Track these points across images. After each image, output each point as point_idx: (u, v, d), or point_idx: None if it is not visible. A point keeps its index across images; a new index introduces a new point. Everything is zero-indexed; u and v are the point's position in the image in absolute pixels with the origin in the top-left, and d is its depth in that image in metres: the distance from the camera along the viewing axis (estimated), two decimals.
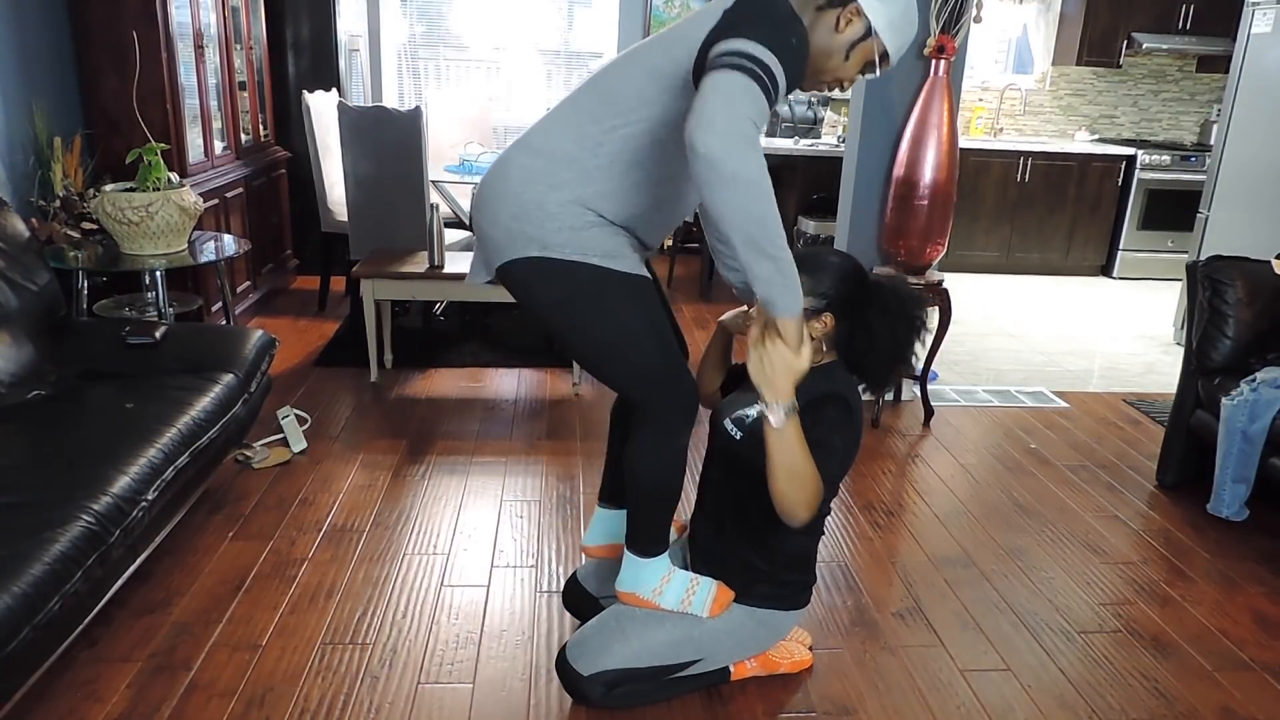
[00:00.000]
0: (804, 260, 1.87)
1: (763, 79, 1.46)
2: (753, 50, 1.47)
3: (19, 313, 2.66)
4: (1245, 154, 4.50)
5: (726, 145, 1.43)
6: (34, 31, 3.50)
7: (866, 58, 1.66)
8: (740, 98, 1.45)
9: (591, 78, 1.72)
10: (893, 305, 1.94)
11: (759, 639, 2.07)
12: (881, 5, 1.61)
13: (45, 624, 1.75)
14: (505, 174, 1.69)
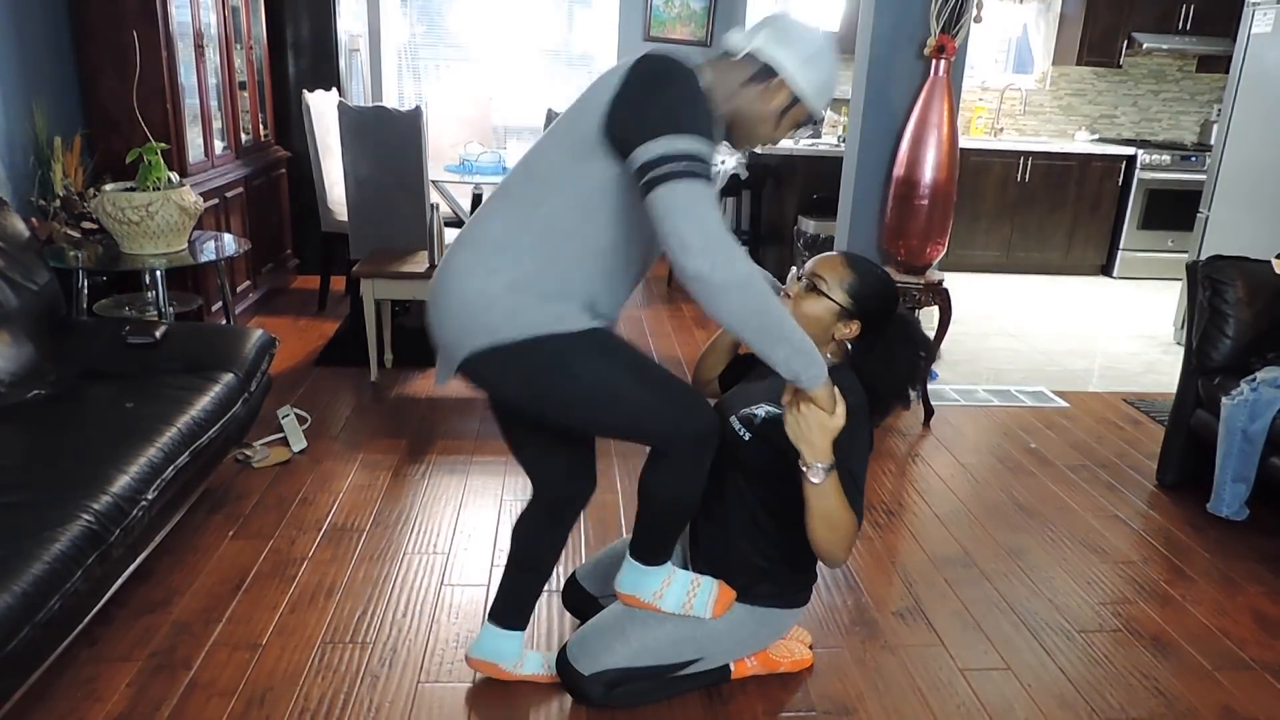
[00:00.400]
0: (857, 262, 1.93)
1: (700, 173, 1.47)
2: (679, 148, 1.46)
3: (19, 312, 2.66)
4: (1245, 154, 4.50)
5: (709, 260, 1.45)
6: (34, 31, 3.50)
7: (796, 121, 1.68)
8: (697, 207, 1.45)
9: (516, 165, 1.72)
10: (915, 339, 1.99)
11: (759, 637, 2.07)
12: (805, 75, 1.62)
13: (45, 623, 1.75)
14: (447, 274, 1.67)
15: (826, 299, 1.89)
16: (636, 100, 1.52)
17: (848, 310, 1.89)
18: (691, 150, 1.46)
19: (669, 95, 1.51)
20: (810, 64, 1.62)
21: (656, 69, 1.53)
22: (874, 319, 1.92)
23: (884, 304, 1.94)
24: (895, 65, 3.59)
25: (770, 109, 1.64)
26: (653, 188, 1.46)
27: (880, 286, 1.93)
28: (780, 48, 1.61)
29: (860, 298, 1.89)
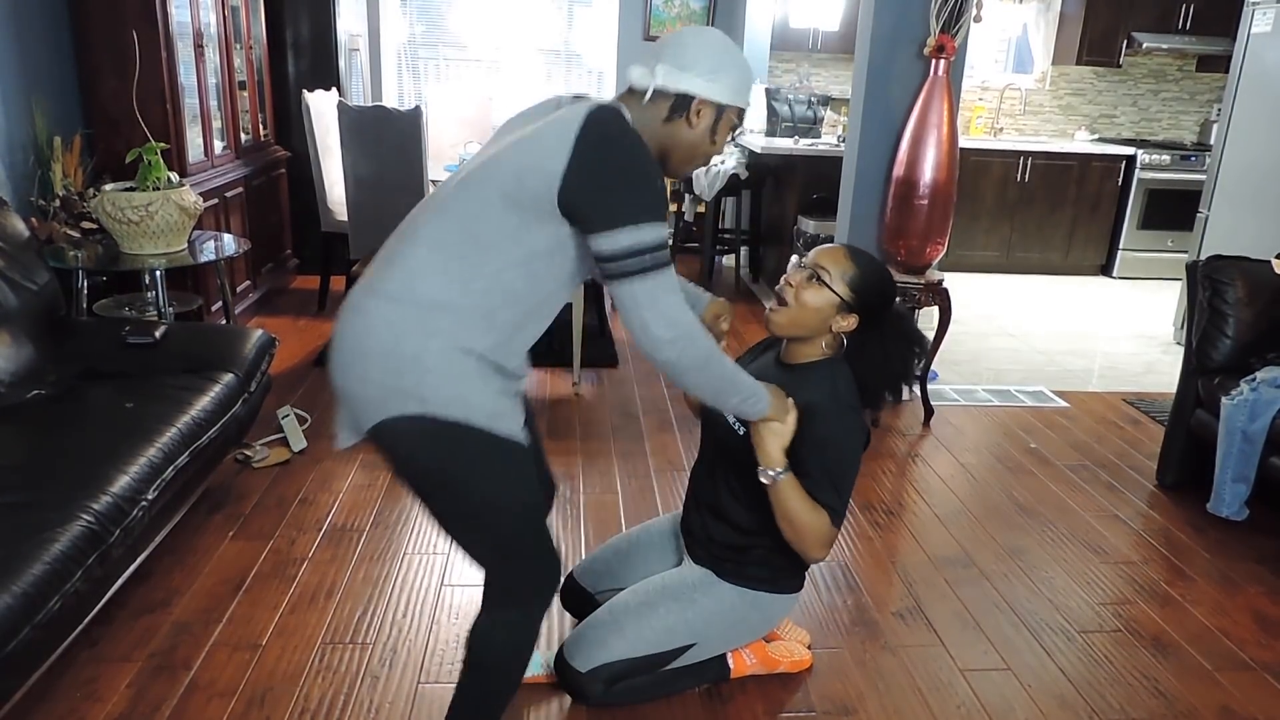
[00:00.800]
0: (859, 256, 1.94)
1: (663, 263, 1.50)
2: (644, 241, 1.47)
3: (19, 312, 2.66)
4: (1245, 154, 4.50)
5: (677, 349, 1.54)
6: (34, 31, 3.50)
7: (730, 125, 1.66)
8: (663, 301, 1.51)
9: (440, 207, 1.57)
10: (908, 334, 2.02)
11: (751, 623, 2.07)
12: (719, 86, 1.59)
13: (45, 623, 1.75)
14: (369, 328, 1.53)
15: (828, 290, 1.89)
16: (593, 177, 1.48)
17: (847, 303, 1.90)
18: (655, 241, 1.48)
19: (628, 175, 1.50)
20: (718, 72, 1.59)
21: (609, 138, 1.49)
22: (872, 313, 1.93)
23: (883, 299, 1.95)
24: (895, 65, 3.59)
25: (701, 130, 1.62)
26: (619, 280, 1.49)
27: (880, 281, 1.94)
28: (684, 74, 1.57)
29: (860, 291, 1.90)
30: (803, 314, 1.91)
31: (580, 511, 2.90)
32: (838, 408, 1.88)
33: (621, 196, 1.48)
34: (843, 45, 6.23)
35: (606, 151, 1.49)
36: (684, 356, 1.56)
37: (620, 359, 4.34)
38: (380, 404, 1.53)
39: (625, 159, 1.50)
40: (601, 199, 1.48)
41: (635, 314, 1.52)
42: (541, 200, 1.49)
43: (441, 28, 6.46)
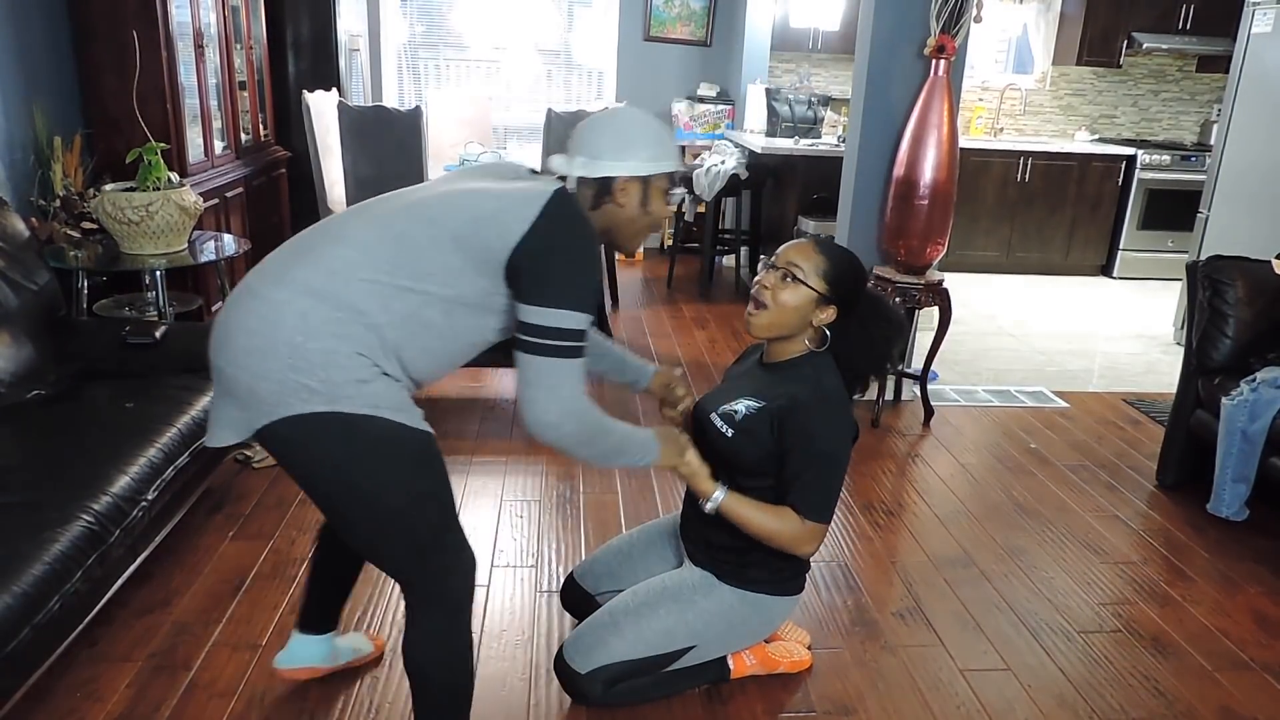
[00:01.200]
0: (828, 248, 1.95)
1: (575, 353, 1.56)
2: (565, 325, 1.53)
3: (19, 312, 2.66)
4: (1245, 154, 4.50)
5: (559, 431, 1.59)
6: (34, 31, 3.50)
7: (662, 193, 1.70)
8: (562, 386, 1.57)
9: (381, 221, 1.57)
10: (885, 315, 2.03)
11: (751, 625, 2.07)
12: (633, 160, 1.64)
13: (45, 623, 1.75)
14: (278, 319, 1.48)
15: (804, 286, 1.90)
16: (545, 251, 1.54)
17: (825, 296, 1.91)
18: (575, 329, 1.54)
19: (575, 262, 1.56)
20: (629, 149, 1.63)
21: (570, 221, 1.57)
22: (848, 301, 1.94)
23: (856, 284, 1.96)
24: (895, 65, 3.59)
25: (632, 207, 1.67)
26: (531, 354, 1.55)
27: (851, 269, 1.95)
28: (599, 161, 1.63)
29: (835, 281, 1.91)
30: (782, 314, 1.92)
31: (580, 511, 2.90)
32: (822, 402, 1.90)
33: (563, 279, 1.55)
34: (843, 45, 6.23)
35: (564, 233, 1.55)
36: (565, 439, 1.61)
37: None
38: (279, 400, 1.47)
39: (577, 247, 1.57)
40: (545, 273, 1.54)
41: (531, 390, 1.57)
42: (491, 253, 1.54)
43: (441, 28, 6.46)
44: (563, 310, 1.53)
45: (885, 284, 3.63)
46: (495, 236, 1.53)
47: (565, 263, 1.55)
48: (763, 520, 1.91)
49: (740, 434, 1.94)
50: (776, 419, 1.91)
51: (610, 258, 5.12)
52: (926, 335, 3.82)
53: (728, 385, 2.08)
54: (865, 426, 3.69)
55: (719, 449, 1.99)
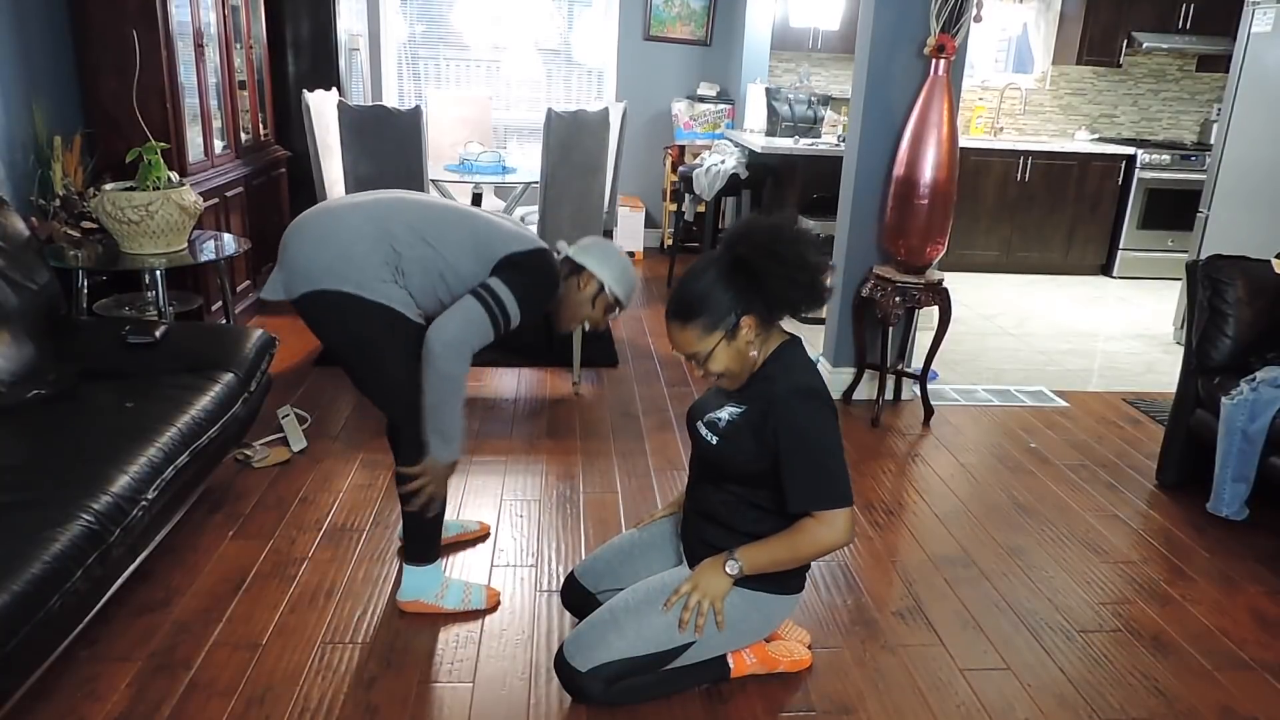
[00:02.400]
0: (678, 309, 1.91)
1: (496, 315, 2.11)
2: (500, 292, 2.12)
3: (19, 312, 2.66)
4: (1245, 153, 4.50)
5: (446, 352, 2.06)
6: (34, 31, 3.50)
7: (606, 304, 2.26)
8: (476, 325, 2.09)
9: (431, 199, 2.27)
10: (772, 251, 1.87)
11: (751, 623, 2.07)
12: (605, 269, 2.23)
13: (45, 623, 1.75)
14: (343, 228, 2.13)
15: (709, 353, 1.90)
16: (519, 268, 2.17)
17: (724, 328, 1.88)
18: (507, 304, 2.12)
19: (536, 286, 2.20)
20: (611, 267, 2.25)
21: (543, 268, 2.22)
22: (736, 299, 1.88)
23: (719, 288, 1.88)
24: (895, 65, 3.59)
25: (585, 295, 2.25)
26: (475, 297, 2.12)
27: (701, 292, 1.89)
28: (587, 257, 2.25)
29: (710, 319, 1.87)
30: (733, 370, 1.94)
31: (580, 511, 2.90)
32: (795, 393, 1.90)
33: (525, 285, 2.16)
34: (843, 45, 6.23)
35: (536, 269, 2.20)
36: (444, 361, 2.06)
37: (620, 359, 4.34)
38: (321, 277, 2.09)
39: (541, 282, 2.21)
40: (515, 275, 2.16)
41: (454, 312, 2.10)
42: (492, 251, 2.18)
43: (441, 28, 6.46)
44: (514, 296, 2.13)
45: (885, 283, 3.63)
46: (501, 244, 2.19)
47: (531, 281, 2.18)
48: (785, 548, 1.94)
49: (725, 441, 1.96)
50: (758, 422, 1.92)
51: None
52: (926, 335, 3.82)
53: (715, 392, 2.09)
54: (865, 426, 3.69)
55: (708, 457, 2.02)
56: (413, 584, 2.32)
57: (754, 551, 1.96)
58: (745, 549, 1.97)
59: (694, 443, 2.08)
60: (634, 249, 6.40)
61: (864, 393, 3.94)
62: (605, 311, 2.28)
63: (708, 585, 1.98)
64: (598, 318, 2.29)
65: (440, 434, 2.15)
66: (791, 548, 1.95)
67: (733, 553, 1.97)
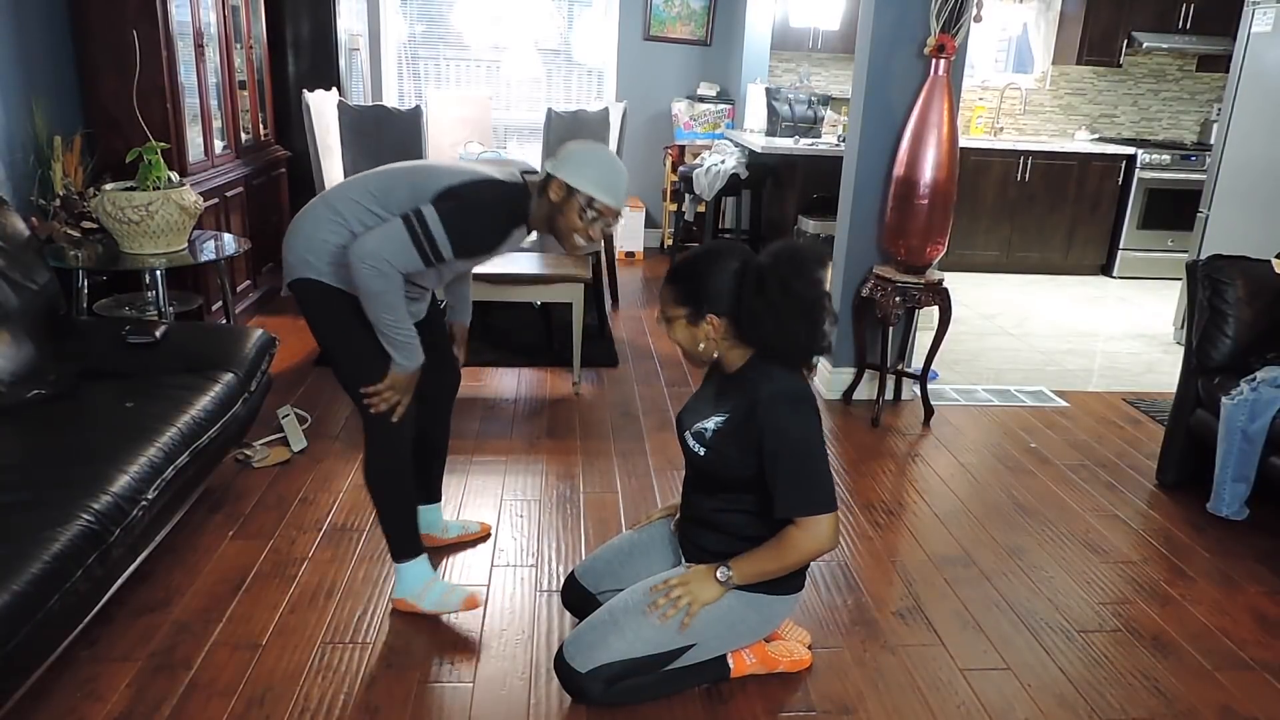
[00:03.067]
0: (676, 274, 1.96)
1: (419, 237, 2.04)
2: (427, 215, 2.04)
3: (19, 312, 2.66)
4: (1245, 153, 4.50)
5: (362, 264, 2.02)
6: (34, 30, 3.50)
7: (577, 208, 2.11)
8: (394, 243, 2.03)
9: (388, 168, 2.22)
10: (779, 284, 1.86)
11: (751, 624, 2.07)
12: (578, 171, 2.09)
13: (45, 623, 1.75)
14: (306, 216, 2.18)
15: (677, 321, 1.94)
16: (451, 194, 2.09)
17: (689, 314, 1.93)
18: (434, 231, 2.04)
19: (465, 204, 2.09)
20: (580, 166, 2.10)
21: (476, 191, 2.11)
22: (724, 298, 1.89)
23: (720, 278, 1.89)
24: (895, 65, 3.59)
25: (555, 203, 2.11)
26: (402, 218, 2.06)
27: (703, 269, 1.91)
28: (558, 166, 2.11)
29: (690, 294, 1.92)
30: (684, 349, 2.00)
31: (580, 511, 2.90)
32: (775, 396, 1.89)
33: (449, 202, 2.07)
34: (843, 45, 6.23)
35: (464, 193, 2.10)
36: (359, 274, 2.02)
37: (620, 359, 4.34)
38: (297, 268, 2.15)
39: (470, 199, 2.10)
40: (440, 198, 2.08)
41: (381, 228, 2.05)
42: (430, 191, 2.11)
43: (441, 28, 6.46)
44: (440, 221, 2.04)
45: (885, 283, 3.63)
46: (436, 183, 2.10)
47: (459, 207, 2.07)
48: (773, 559, 1.95)
49: (711, 451, 1.97)
50: (742, 428, 1.92)
51: (610, 257, 5.12)
52: (926, 335, 3.82)
53: (700, 400, 2.09)
54: (865, 426, 3.69)
55: (696, 465, 2.03)
56: (399, 581, 2.34)
57: (744, 563, 1.98)
58: (737, 561, 1.98)
59: (683, 452, 2.09)
60: (634, 249, 6.40)
61: (864, 393, 3.94)
62: (582, 216, 2.11)
63: (697, 589, 1.99)
64: (569, 222, 2.12)
65: (389, 343, 2.13)
66: (778, 558, 1.95)
67: (726, 563, 1.98)
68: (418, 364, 2.18)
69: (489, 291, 3.76)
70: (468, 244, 2.11)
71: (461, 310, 2.57)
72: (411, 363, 2.17)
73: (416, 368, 2.19)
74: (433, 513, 2.62)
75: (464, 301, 2.57)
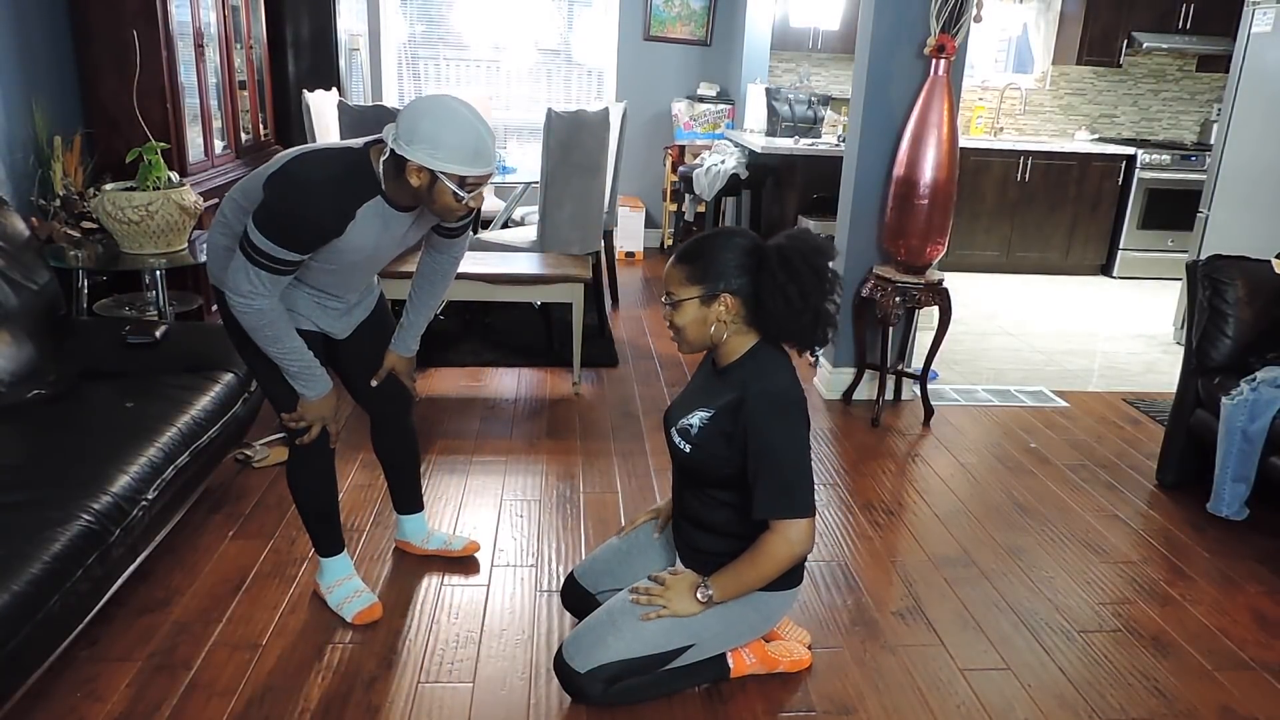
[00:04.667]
0: (685, 253, 1.93)
1: (252, 254, 1.87)
2: (249, 230, 1.87)
3: (19, 312, 2.66)
4: (1245, 153, 4.50)
5: (231, 299, 1.92)
6: (34, 30, 3.50)
7: (448, 191, 1.86)
8: (238, 271, 1.90)
9: None
10: (792, 261, 1.86)
11: (749, 622, 2.06)
12: (430, 153, 1.82)
13: (45, 623, 1.75)
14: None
15: (684, 303, 1.90)
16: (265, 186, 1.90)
17: (704, 294, 1.88)
18: (260, 245, 1.86)
19: (270, 208, 1.88)
20: (430, 141, 1.81)
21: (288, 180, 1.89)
22: (735, 279, 1.88)
23: (732, 260, 1.88)
24: (895, 65, 3.59)
25: (424, 190, 1.87)
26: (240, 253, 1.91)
27: (715, 251, 1.90)
28: (407, 142, 1.83)
29: (705, 277, 1.88)
30: (688, 334, 1.94)
31: (580, 511, 2.90)
32: (763, 395, 1.88)
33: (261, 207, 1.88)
34: (843, 45, 6.23)
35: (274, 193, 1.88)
36: (234, 307, 1.93)
37: (620, 359, 4.34)
38: (217, 280, 2.05)
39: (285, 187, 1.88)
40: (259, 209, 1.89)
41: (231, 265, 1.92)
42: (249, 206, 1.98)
43: (441, 28, 6.46)
44: (257, 228, 1.86)
45: (885, 284, 3.63)
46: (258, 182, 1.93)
47: (266, 205, 1.88)
48: (751, 569, 1.93)
49: (697, 449, 1.96)
50: (728, 424, 1.91)
51: (610, 258, 5.12)
52: (926, 335, 3.82)
53: (687, 397, 2.07)
54: (865, 426, 3.69)
55: (684, 465, 2.02)
56: (319, 569, 2.36)
57: (725, 579, 1.96)
58: (718, 577, 1.97)
59: (670, 451, 2.07)
60: (634, 249, 6.40)
61: (864, 393, 3.94)
62: (451, 196, 1.87)
63: (678, 601, 1.98)
64: (446, 206, 1.89)
65: (286, 374, 2.05)
66: (756, 568, 1.93)
67: (706, 581, 1.97)
68: (320, 392, 2.09)
69: (489, 291, 3.76)
70: (300, 237, 1.88)
71: (406, 335, 2.34)
72: (312, 392, 2.08)
73: (324, 395, 2.10)
74: (412, 522, 2.59)
75: (412, 327, 2.34)
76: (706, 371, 2.07)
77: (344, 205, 1.89)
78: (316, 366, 2.07)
